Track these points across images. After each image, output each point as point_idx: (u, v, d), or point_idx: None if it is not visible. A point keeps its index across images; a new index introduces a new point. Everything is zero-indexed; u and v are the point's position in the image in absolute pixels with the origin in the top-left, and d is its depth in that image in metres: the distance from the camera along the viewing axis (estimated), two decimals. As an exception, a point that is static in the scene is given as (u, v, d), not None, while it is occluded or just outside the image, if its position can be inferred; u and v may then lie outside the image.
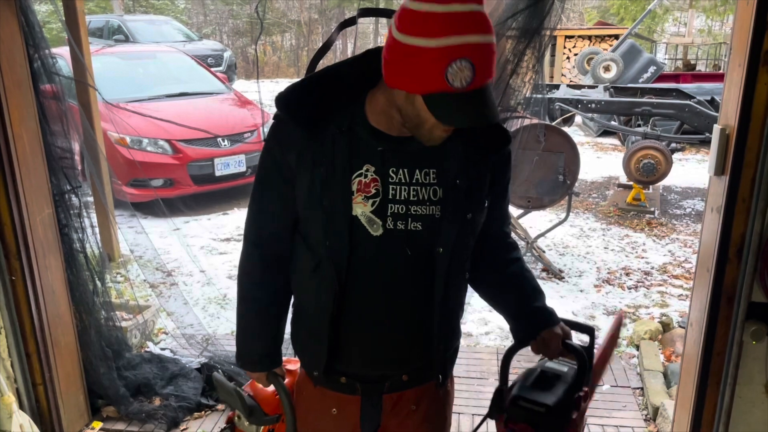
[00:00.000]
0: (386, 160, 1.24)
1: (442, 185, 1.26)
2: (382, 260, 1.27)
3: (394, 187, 1.24)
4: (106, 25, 13.21)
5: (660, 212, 6.35)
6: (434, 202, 1.26)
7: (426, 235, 1.26)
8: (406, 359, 1.37)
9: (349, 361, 1.36)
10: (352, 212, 1.25)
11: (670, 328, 3.72)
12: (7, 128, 2.22)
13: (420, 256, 1.27)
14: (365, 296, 1.30)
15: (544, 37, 2.65)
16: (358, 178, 1.24)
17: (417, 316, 1.32)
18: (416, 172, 1.25)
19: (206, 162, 6.09)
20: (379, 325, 1.32)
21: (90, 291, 2.80)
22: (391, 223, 1.25)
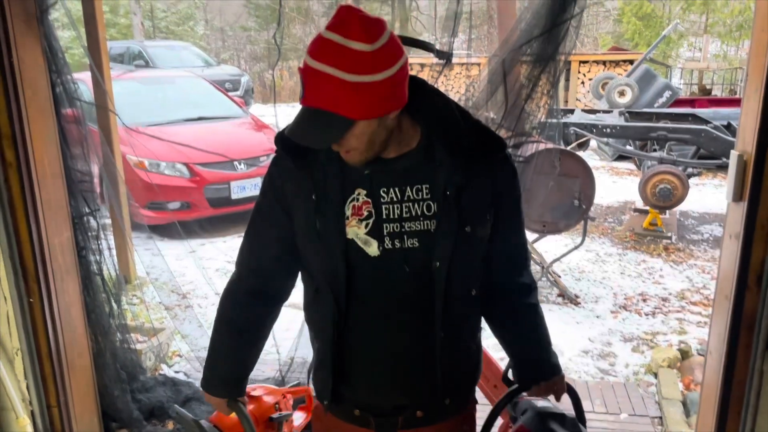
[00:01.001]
0: (375, 181, 1.28)
1: (436, 199, 1.27)
2: (381, 280, 1.29)
3: (386, 207, 1.27)
4: (126, 50, 13.47)
5: (677, 237, 6.29)
6: (428, 217, 1.27)
7: (423, 250, 1.27)
8: (414, 385, 1.35)
9: (357, 388, 1.37)
10: (347, 236, 1.28)
11: (689, 356, 3.66)
12: (29, 152, 2.25)
13: (419, 273, 1.28)
14: (367, 319, 1.31)
15: (559, 63, 2.66)
16: (352, 202, 1.28)
17: (420, 336, 1.31)
18: (407, 189, 1.28)
19: (223, 185, 6.15)
20: (382, 347, 1.32)
21: (106, 313, 2.82)
22: (388, 242, 1.27)
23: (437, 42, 2.65)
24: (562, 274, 5.19)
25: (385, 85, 1.14)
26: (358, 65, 1.11)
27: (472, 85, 3.59)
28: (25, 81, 2.22)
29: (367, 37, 1.11)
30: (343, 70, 1.10)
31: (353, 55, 1.11)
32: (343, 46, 1.11)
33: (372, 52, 1.11)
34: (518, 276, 1.44)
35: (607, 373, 3.65)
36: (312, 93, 1.14)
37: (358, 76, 1.11)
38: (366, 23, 1.12)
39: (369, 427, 1.38)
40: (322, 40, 1.13)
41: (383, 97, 1.15)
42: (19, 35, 2.18)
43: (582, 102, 12.71)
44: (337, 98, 1.12)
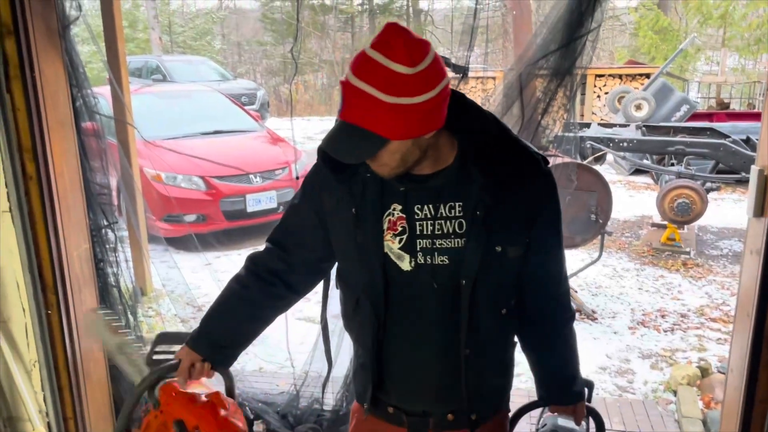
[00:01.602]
0: (410, 198, 1.29)
1: (467, 217, 1.28)
2: (413, 295, 1.32)
3: (420, 223, 1.29)
4: (145, 65, 13.65)
5: (696, 253, 6.21)
6: (459, 235, 1.28)
7: (452, 267, 1.29)
8: (444, 396, 1.38)
9: (390, 392, 1.41)
10: (384, 249, 1.31)
11: (709, 374, 3.61)
12: (50, 165, 2.28)
13: (446, 290, 1.30)
14: (402, 331, 1.35)
15: (576, 77, 2.66)
16: (388, 217, 1.31)
17: (446, 351, 1.33)
18: (440, 206, 1.29)
19: (238, 198, 6.18)
20: (415, 359, 1.36)
21: (122, 325, 2.83)
22: (421, 257, 1.29)
23: (452, 56, 2.66)
24: (579, 289, 5.15)
25: (422, 107, 1.14)
26: (398, 87, 1.11)
27: (488, 99, 3.59)
28: (47, 95, 2.26)
29: (409, 60, 1.11)
30: (381, 91, 1.11)
31: (393, 77, 1.11)
32: (384, 67, 1.11)
33: (413, 75, 1.12)
34: (553, 303, 1.43)
35: (626, 390, 3.59)
36: (349, 108, 1.15)
37: (397, 98, 1.11)
38: (411, 45, 1.12)
39: (402, 425, 1.43)
40: (365, 57, 1.14)
41: (420, 120, 1.15)
42: (41, 50, 2.22)
43: (598, 116, 12.65)
44: (373, 117, 1.13)
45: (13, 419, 2.49)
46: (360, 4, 22.59)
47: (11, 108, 2.19)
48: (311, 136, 10.88)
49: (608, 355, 4.02)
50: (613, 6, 19.03)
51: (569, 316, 1.46)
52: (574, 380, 1.48)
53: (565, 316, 1.45)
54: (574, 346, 1.47)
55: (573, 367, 1.48)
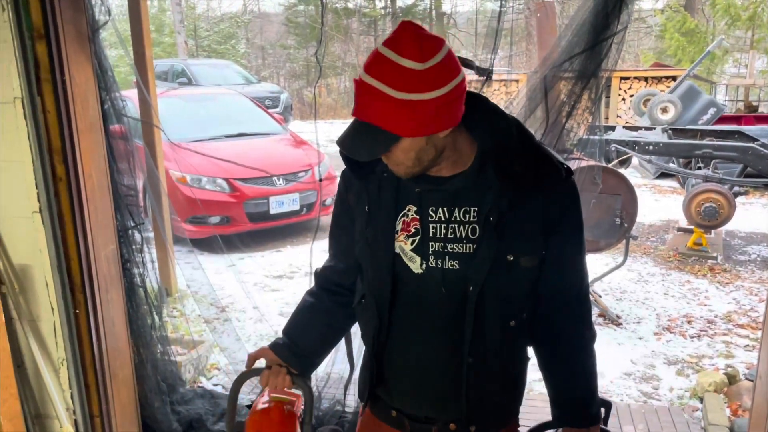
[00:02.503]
0: (425, 199, 1.28)
1: (480, 223, 1.25)
2: (421, 298, 1.30)
3: (433, 226, 1.28)
4: (170, 68, 13.83)
5: (723, 258, 6.11)
6: (471, 240, 1.26)
7: (461, 273, 1.26)
8: (445, 403, 1.35)
9: (392, 393, 1.40)
10: (395, 249, 1.30)
11: (737, 381, 3.54)
12: (79, 167, 2.33)
13: (454, 296, 1.27)
14: (406, 333, 1.33)
15: (601, 80, 2.63)
16: (402, 218, 1.30)
17: (449, 358, 1.31)
18: (455, 210, 1.27)
19: (262, 200, 6.23)
20: (417, 363, 1.33)
21: (148, 325, 2.87)
22: (432, 260, 1.28)
23: (476, 59, 2.65)
24: (603, 293, 5.09)
25: (434, 104, 1.12)
26: (407, 83, 1.10)
27: (511, 102, 3.58)
28: (77, 98, 2.30)
29: (419, 55, 1.11)
30: (391, 87, 1.11)
31: (403, 73, 1.10)
32: (394, 63, 1.11)
33: (423, 70, 1.11)
34: (572, 320, 1.37)
35: (651, 397, 3.55)
36: (362, 106, 1.15)
37: (406, 94, 1.11)
38: (421, 41, 1.12)
39: (404, 430, 1.41)
40: (377, 55, 1.14)
41: (432, 116, 1.14)
42: (71, 53, 2.26)
43: (623, 119, 12.51)
44: (384, 114, 1.13)
45: (41, 416, 2.54)
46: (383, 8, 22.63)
47: (42, 110, 2.24)
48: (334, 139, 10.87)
49: (633, 360, 3.97)
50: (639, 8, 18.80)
51: (590, 335, 1.39)
52: (591, 402, 1.41)
53: (585, 335, 1.39)
54: (593, 367, 1.40)
55: (590, 389, 1.41)
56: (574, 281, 1.36)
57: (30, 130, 2.24)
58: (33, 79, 2.21)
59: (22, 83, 2.20)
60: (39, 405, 2.52)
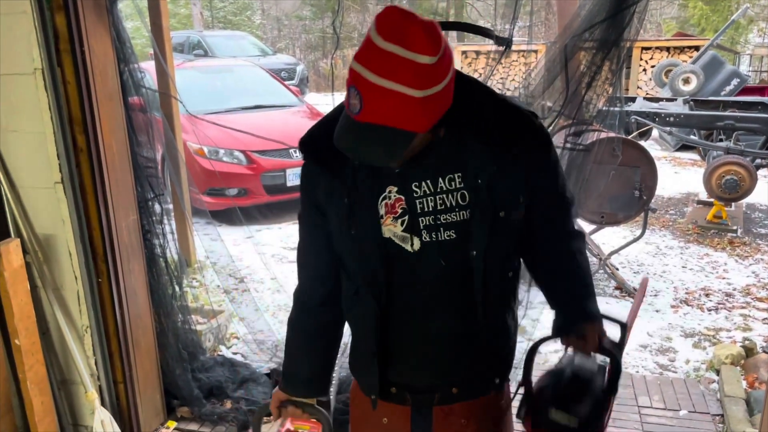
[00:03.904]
0: (406, 177, 1.25)
1: (469, 188, 1.24)
2: (419, 275, 1.28)
3: (420, 201, 1.25)
4: (186, 40, 13.80)
5: (743, 231, 6.04)
6: (463, 207, 1.24)
7: (460, 241, 1.25)
8: (453, 370, 1.36)
9: (399, 374, 1.38)
10: (383, 235, 1.27)
11: (754, 354, 3.53)
12: (99, 138, 2.35)
13: (457, 264, 1.27)
14: (408, 313, 1.32)
15: (623, 49, 2.59)
16: (384, 201, 1.26)
17: (460, 324, 1.31)
18: (439, 180, 1.24)
19: (278, 172, 6.25)
20: (424, 338, 1.33)
21: (168, 295, 2.92)
22: (426, 236, 1.25)
23: (495, 29, 2.62)
24: (620, 266, 5.07)
25: (445, 90, 1.10)
26: (426, 79, 1.05)
27: (530, 72, 3.53)
28: (96, 69, 2.31)
29: (432, 48, 1.05)
30: (412, 87, 1.04)
31: (421, 70, 1.04)
32: (409, 61, 1.04)
33: (436, 62, 1.06)
34: (561, 227, 1.40)
35: (667, 369, 3.55)
36: (374, 110, 1.06)
37: (426, 91, 1.06)
38: (428, 32, 1.05)
39: (405, 404, 1.39)
40: (382, 53, 1.05)
41: (443, 103, 1.12)
42: (90, 25, 2.27)
43: (643, 90, 12.31)
44: (404, 114, 1.07)
45: (67, 382, 2.61)
46: (399, -23, 22.29)
47: (62, 81, 2.26)
48: (350, 111, 10.79)
49: (649, 333, 3.97)
50: (662, -24, 18.37)
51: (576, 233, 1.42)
52: (586, 299, 1.39)
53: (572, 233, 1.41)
54: (584, 264, 1.40)
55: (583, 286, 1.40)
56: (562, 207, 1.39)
57: (51, 101, 2.26)
58: (53, 50, 2.23)
59: (42, 54, 2.22)
60: (64, 371, 2.59)
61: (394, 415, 1.41)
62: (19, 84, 2.27)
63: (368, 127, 1.08)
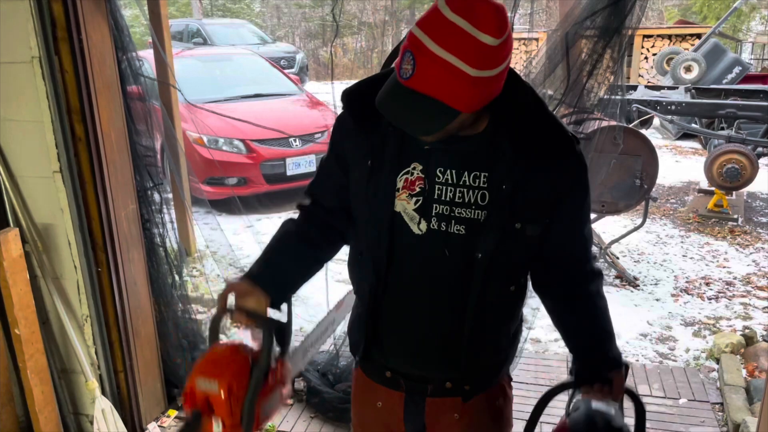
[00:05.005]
0: (433, 159, 1.24)
1: (491, 190, 1.22)
2: (421, 259, 1.27)
3: (440, 187, 1.24)
4: (185, 28, 13.71)
5: (744, 220, 6.04)
6: (481, 207, 1.23)
7: (468, 238, 1.23)
8: (442, 364, 1.34)
9: (387, 352, 1.38)
10: (395, 208, 1.26)
11: (754, 342, 3.54)
12: (97, 127, 2.34)
13: (459, 260, 1.25)
14: (404, 292, 1.31)
15: (624, 37, 2.57)
16: (405, 175, 1.25)
17: (451, 321, 1.29)
18: (465, 174, 1.23)
19: (278, 161, 6.23)
20: (415, 323, 1.32)
21: (168, 284, 2.91)
22: (435, 223, 1.24)
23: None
24: (621, 255, 5.07)
25: (499, 77, 1.09)
26: (485, 60, 1.04)
27: (530, 61, 3.51)
28: (94, 57, 2.30)
29: (497, 30, 1.03)
30: (468, 64, 1.03)
31: (482, 49, 1.03)
32: (472, 38, 1.03)
33: (498, 46, 1.05)
34: (580, 266, 1.38)
35: (666, 357, 3.56)
36: (425, 78, 1.05)
37: (482, 71, 1.05)
38: (498, 13, 1.04)
39: (400, 389, 1.39)
40: (447, 23, 1.04)
41: (494, 90, 1.11)
42: (87, 12, 2.25)
43: (645, 78, 12.26)
44: (453, 90, 1.05)
45: (67, 371, 2.61)
46: (400, -36, 22.15)
47: (60, 70, 2.24)
48: (350, 99, 10.76)
49: (650, 322, 3.97)
50: (664, -37, 18.24)
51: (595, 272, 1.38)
52: (607, 343, 1.37)
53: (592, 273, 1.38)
54: (604, 306, 1.39)
55: (604, 328, 1.38)
56: (582, 246, 1.37)
57: (48, 90, 2.25)
58: (50, 38, 2.21)
59: (39, 42, 2.20)
60: (65, 360, 2.60)
61: (389, 399, 1.41)
62: (16, 73, 2.25)
63: (414, 94, 1.07)
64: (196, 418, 1.20)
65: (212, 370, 1.22)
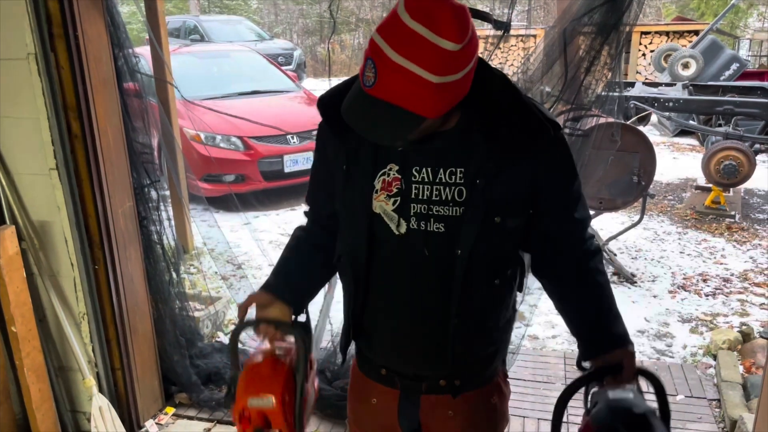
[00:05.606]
0: (409, 158, 1.23)
1: (467, 185, 1.21)
2: (402, 260, 1.26)
3: (417, 186, 1.23)
4: (183, 25, 13.69)
5: (741, 216, 6.04)
6: (458, 203, 1.21)
7: (447, 236, 1.22)
8: (431, 361, 1.34)
9: (378, 352, 1.39)
10: (374, 209, 1.25)
11: (751, 339, 3.54)
12: (94, 124, 2.33)
13: (440, 259, 1.24)
14: (388, 294, 1.31)
15: (622, 34, 2.56)
16: (382, 176, 1.25)
17: (437, 319, 1.28)
18: (440, 171, 1.22)
19: (276, 159, 6.22)
20: (401, 322, 1.31)
21: (166, 281, 2.91)
22: (414, 222, 1.23)
23: (493, 13, 2.59)
24: (618, 252, 5.08)
25: (464, 79, 1.08)
26: (446, 66, 1.03)
27: (528, 57, 3.51)
28: (90, 54, 2.29)
29: (458, 36, 1.02)
30: (430, 72, 1.02)
31: (443, 55, 1.02)
32: (433, 45, 1.01)
33: (460, 51, 1.03)
34: (576, 248, 1.34)
35: (664, 354, 3.56)
36: (387, 86, 1.04)
37: (444, 77, 1.03)
38: (458, 17, 1.03)
39: (395, 387, 1.39)
40: (407, 30, 1.02)
41: (459, 93, 1.10)
42: (83, 9, 2.24)
43: (642, 75, 12.26)
44: (417, 97, 1.04)
45: (64, 369, 2.61)
46: (397, -39, 22.09)
47: (56, 66, 2.24)
48: (348, 96, 10.77)
49: (647, 318, 3.98)
50: (662, -41, 18.23)
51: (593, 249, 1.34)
52: (610, 319, 1.32)
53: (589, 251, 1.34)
54: (604, 283, 1.34)
55: (606, 304, 1.33)
56: (577, 228, 1.34)
57: (44, 87, 2.24)
58: (46, 34, 2.20)
59: (35, 39, 2.19)
60: (62, 358, 2.59)
61: (383, 396, 1.41)
62: (12, 69, 2.24)
63: (378, 102, 1.06)
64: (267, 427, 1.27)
65: (262, 387, 1.28)
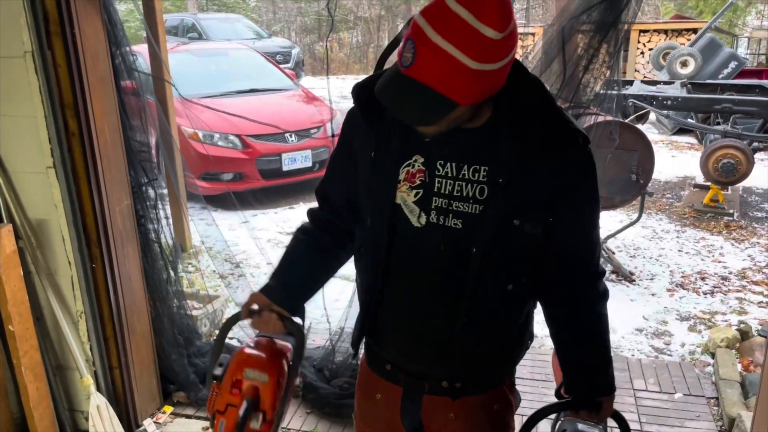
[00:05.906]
0: (434, 151, 1.23)
1: (489, 184, 1.20)
2: (419, 252, 1.26)
3: (440, 180, 1.23)
4: (180, 23, 13.65)
5: (739, 215, 6.05)
6: (479, 201, 1.21)
7: (464, 233, 1.22)
8: (437, 360, 1.33)
9: (385, 346, 1.39)
10: (396, 199, 1.25)
11: (749, 337, 3.55)
12: (91, 122, 2.32)
13: (455, 255, 1.23)
14: (402, 286, 1.30)
15: (621, 32, 2.56)
16: (407, 167, 1.25)
17: (445, 316, 1.28)
18: (464, 167, 1.21)
19: (274, 157, 6.21)
20: (411, 317, 1.31)
21: (164, 280, 2.90)
22: (434, 216, 1.23)
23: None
24: (617, 250, 5.08)
25: (501, 71, 1.07)
26: (486, 53, 1.03)
27: (527, 55, 3.51)
28: (87, 52, 2.28)
29: (501, 24, 1.02)
30: (469, 56, 1.02)
31: (484, 42, 1.02)
32: (474, 30, 1.01)
33: (501, 40, 1.03)
34: (583, 280, 1.33)
35: (662, 352, 3.56)
36: (425, 67, 1.04)
37: (482, 65, 1.03)
38: (503, 7, 1.03)
39: (398, 384, 1.39)
40: (450, 14, 1.02)
41: (496, 84, 1.09)
42: (80, 7, 2.23)
43: (641, 73, 12.26)
44: (452, 82, 1.04)
45: (62, 367, 2.60)
46: (396, -41, 22.07)
47: (53, 64, 2.23)
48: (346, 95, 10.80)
49: (645, 316, 3.98)
50: (660, -43, 18.23)
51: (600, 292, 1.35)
52: (604, 369, 1.36)
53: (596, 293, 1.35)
54: (605, 327, 1.36)
55: (603, 351, 1.37)
56: (586, 250, 1.32)
57: (41, 85, 2.23)
58: (43, 32, 2.19)
59: (32, 37, 2.18)
60: (59, 356, 2.59)
61: (387, 392, 1.41)
62: (9, 67, 2.23)
63: (413, 83, 1.06)
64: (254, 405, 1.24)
65: (264, 364, 1.27)
